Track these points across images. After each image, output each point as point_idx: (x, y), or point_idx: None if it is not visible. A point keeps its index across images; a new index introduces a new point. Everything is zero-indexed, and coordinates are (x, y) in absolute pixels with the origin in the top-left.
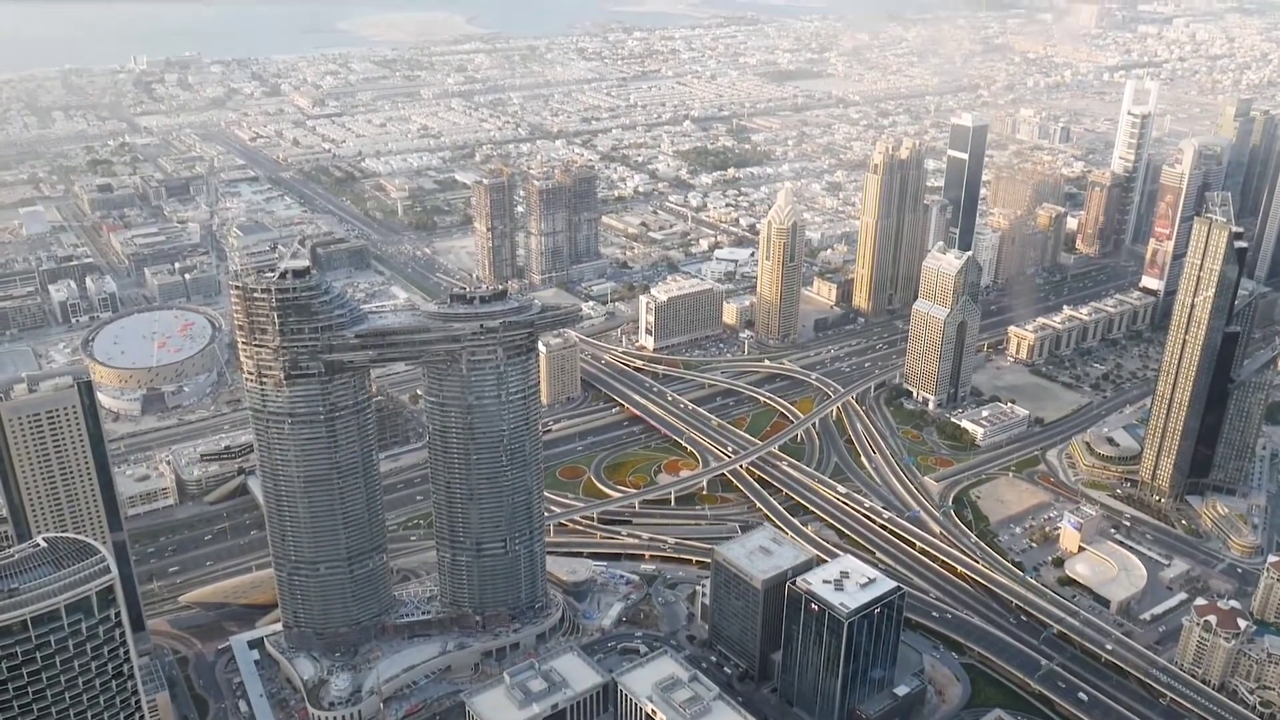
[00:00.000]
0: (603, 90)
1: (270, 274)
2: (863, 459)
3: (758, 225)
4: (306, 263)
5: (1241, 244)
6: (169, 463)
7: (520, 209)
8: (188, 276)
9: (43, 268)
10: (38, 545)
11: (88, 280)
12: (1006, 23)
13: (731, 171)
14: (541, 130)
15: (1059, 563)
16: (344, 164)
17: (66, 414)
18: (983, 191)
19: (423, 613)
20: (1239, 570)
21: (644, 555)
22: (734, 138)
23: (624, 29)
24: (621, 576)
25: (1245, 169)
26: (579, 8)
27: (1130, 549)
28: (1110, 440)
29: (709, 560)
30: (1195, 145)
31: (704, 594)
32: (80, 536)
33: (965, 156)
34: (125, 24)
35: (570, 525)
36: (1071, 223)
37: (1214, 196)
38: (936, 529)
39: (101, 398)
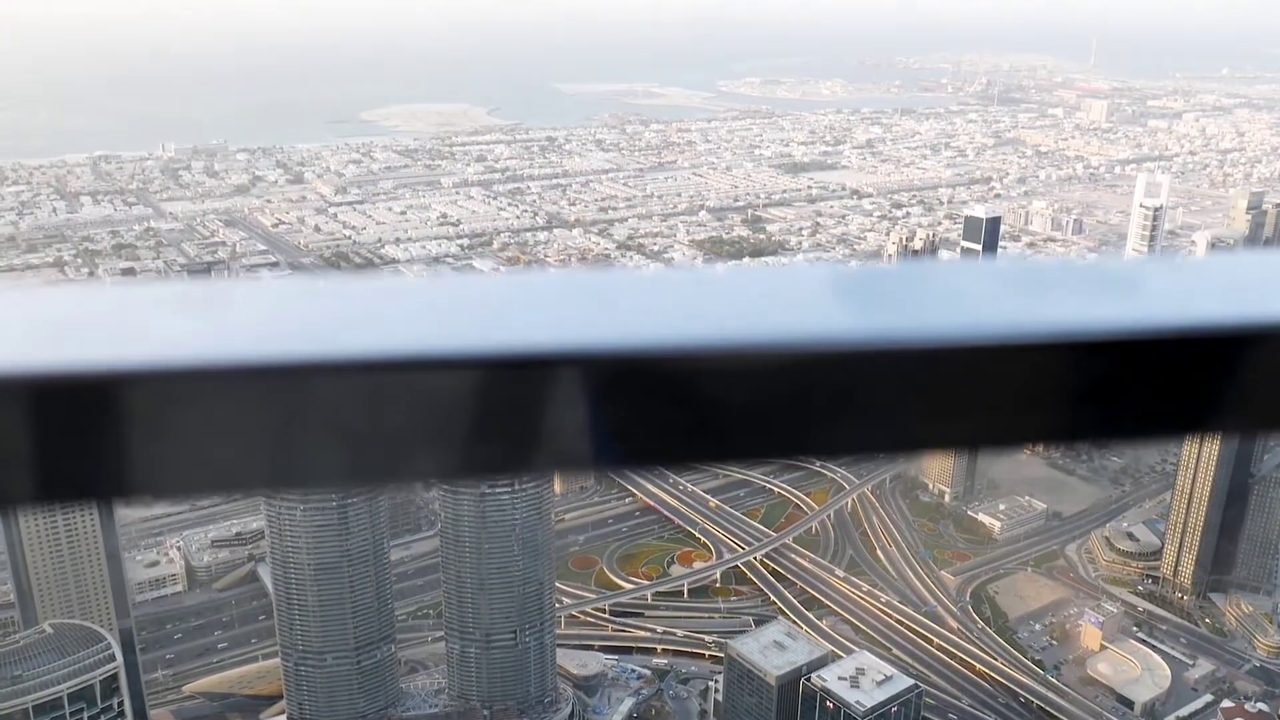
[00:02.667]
0: (620, 180)
1: None
2: (878, 552)
3: None
4: None
5: None
6: (179, 548)
7: None
8: None
9: None
10: (44, 631)
11: None
12: (1018, 117)
13: (746, 261)
14: (559, 219)
15: (1080, 661)
16: (364, 250)
17: None
18: None
19: (430, 706)
20: (1266, 670)
21: (656, 649)
22: (749, 227)
23: (641, 121)
24: (633, 671)
25: None
26: (598, 101)
27: (1153, 648)
28: (1130, 535)
29: (722, 655)
30: (1208, 237)
31: (717, 690)
32: (86, 623)
33: (979, 248)
34: (155, 112)
35: (581, 616)
36: None
37: None
38: (954, 625)
39: None
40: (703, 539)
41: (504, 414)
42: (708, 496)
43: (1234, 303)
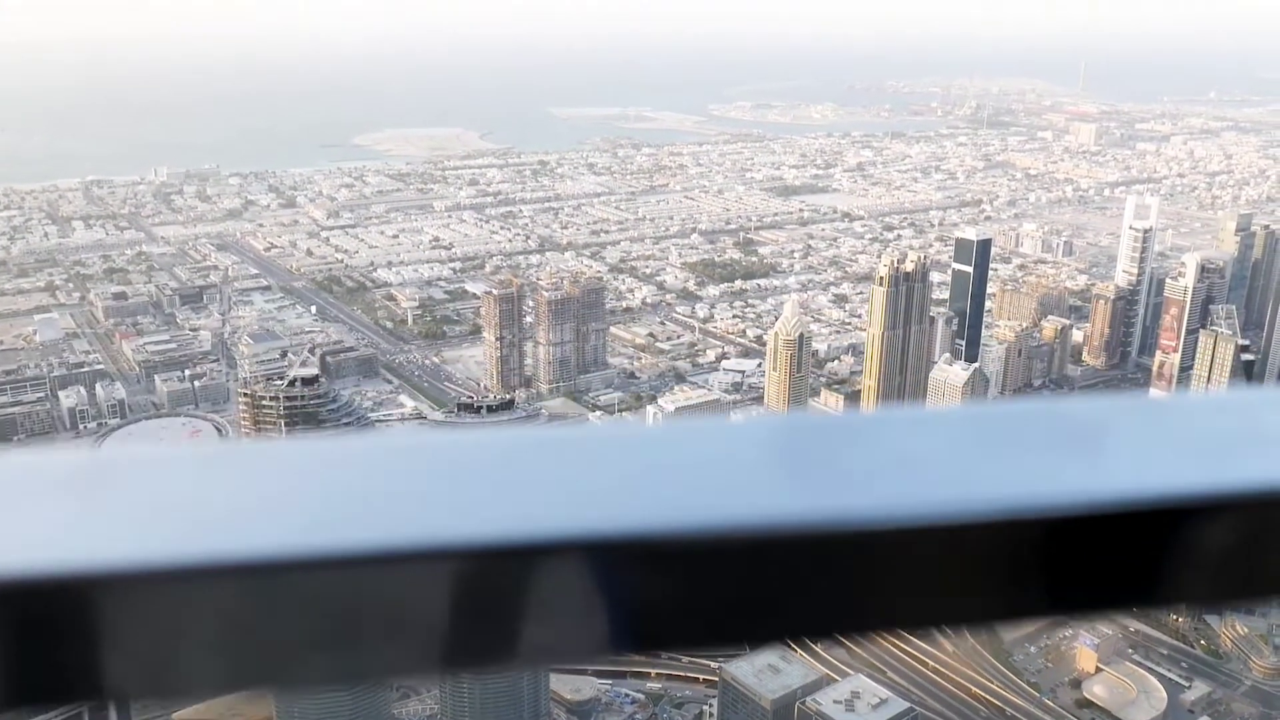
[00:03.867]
0: (612, 204)
1: (279, 381)
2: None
3: (765, 336)
4: (315, 370)
5: (1248, 356)
6: None
7: (529, 319)
8: (197, 384)
9: (53, 374)
10: None
11: (98, 387)
12: (1007, 140)
13: (739, 283)
14: (551, 242)
15: (1076, 684)
16: (356, 274)
17: None
18: (988, 304)
19: None
20: (1262, 692)
21: (650, 673)
22: (741, 250)
23: (633, 145)
24: (626, 695)
25: (1248, 283)
26: (590, 125)
27: (1149, 670)
28: None
29: (716, 679)
30: (1198, 259)
31: (711, 713)
32: None
33: (970, 270)
34: (148, 137)
35: None
36: (1077, 335)
37: (1219, 310)
38: (949, 648)
39: None
40: None
41: (489, 606)
42: None
43: (1201, 464)
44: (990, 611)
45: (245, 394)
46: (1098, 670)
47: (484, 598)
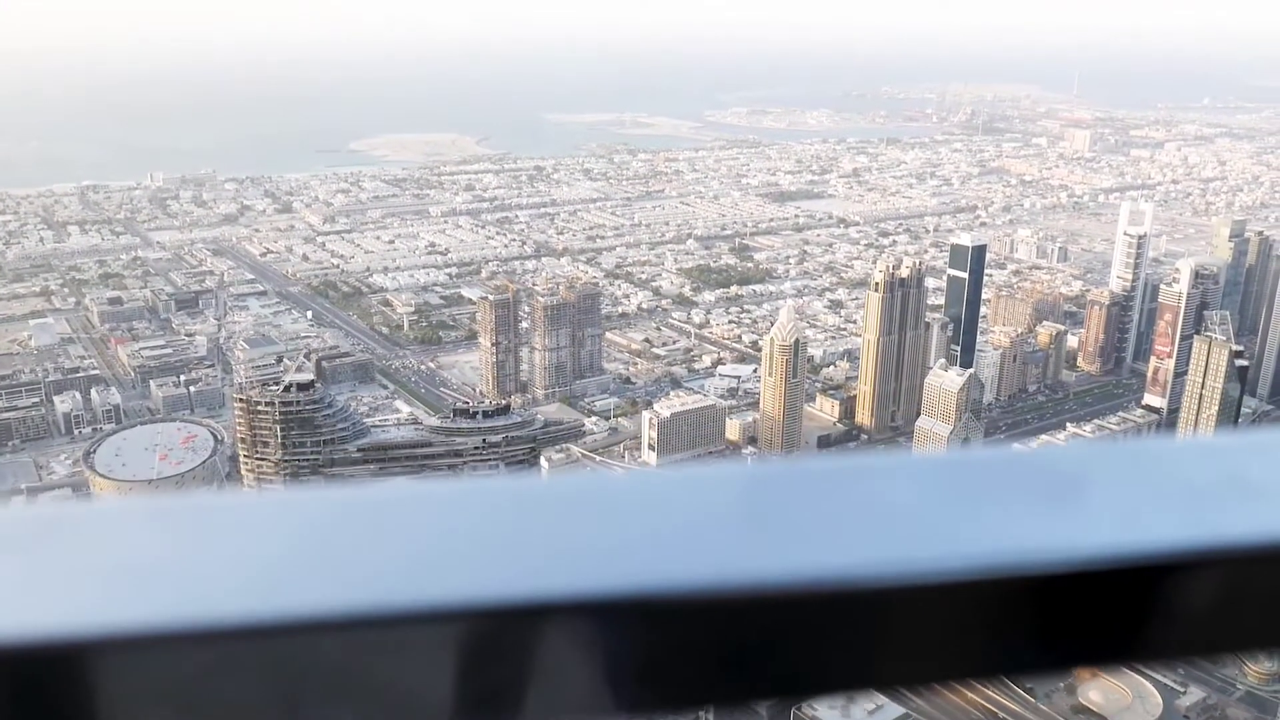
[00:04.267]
0: (608, 209)
1: (275, 387)
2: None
3: (760, 342)
4: (311, 376)
5: (1242, 362)
6: None
7: (525, 324)
8: (192, 389)
9: (48, 379)
10: None
11: (93, 392)
12: (1002, 146)
13: (734, 289)
14: (547, 248)
15: (1071, 689)
16: (352, 279)
17: None
18: (983, 310)
19: None
20: (1257, 697)
21: None
22: (736, 256)
23: (629, 151)
24: None
25: (1242, 288)
26: (586, 130)
27: (1145, 676)
28: None
29: None
30: (1192, 265)
31: (710, 714)
32: None
33: (965, 275)
34: (144, 142)
35: None
36: (1072, 341)
37: (1213, 315)
38: None
39: None
40: None
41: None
42: None
43: (1183, 518)
44: (973, 669)
45: (241, 399)
46: (1093, 676)
47: (464, 660)
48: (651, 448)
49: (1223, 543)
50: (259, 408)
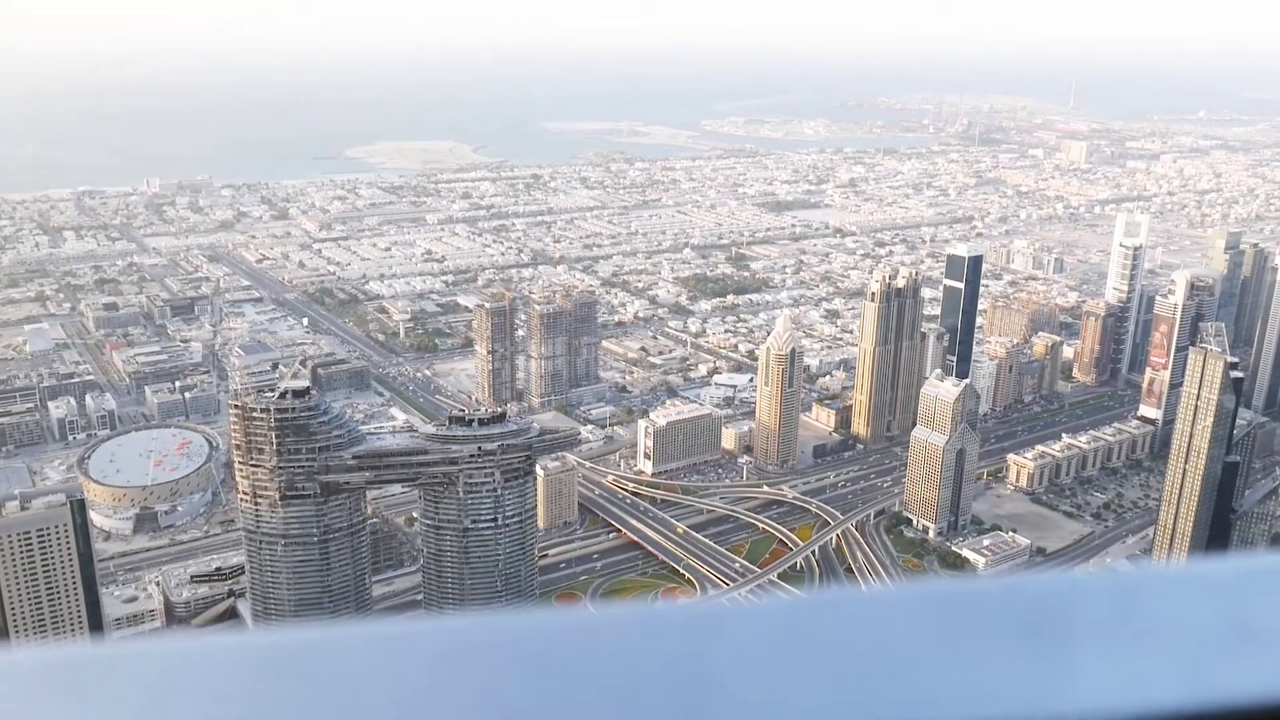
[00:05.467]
0: (604, 218)
1: (270, 394)
2: (863, 588)
3: (756, 351)
4: (306, 383)
5: (1237, 374)
6: (158, 584)
7: (521, 333)
8: (188, 395)
9: (43, 384)
10: None
11: (87, 398)
12: (999, 157)
13: (730, 298)
14: (544, 256)
15: None
16: (348, 286)
17: (57, 532)
18: (979, 320)
19: None
20: None
21: None
22: (733, 265)
23: (626, 159)
24: None
25: (1237, 300)
26: (583, 139)
27: None
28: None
29: None
30: (1187, 276)
31: None
32: None
33: (961, 286)
34: (141, 147)
35: None
36: (1068, 351)
37: (1208, 327)
38: None
39: (94, 516)
40: (687, 575)
41: None
42: (693, 532)
43: (1182, 674)
44: None
45: (236, 406)
46: None
47: None
48: (647, 456)
49: (1227, 704)
50: (254, 414)
